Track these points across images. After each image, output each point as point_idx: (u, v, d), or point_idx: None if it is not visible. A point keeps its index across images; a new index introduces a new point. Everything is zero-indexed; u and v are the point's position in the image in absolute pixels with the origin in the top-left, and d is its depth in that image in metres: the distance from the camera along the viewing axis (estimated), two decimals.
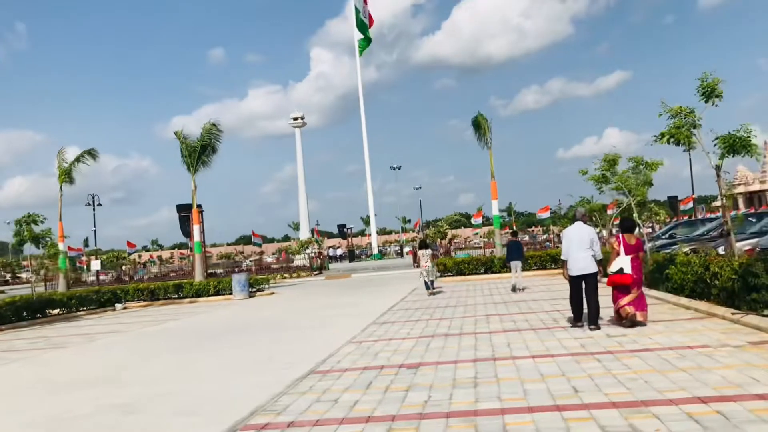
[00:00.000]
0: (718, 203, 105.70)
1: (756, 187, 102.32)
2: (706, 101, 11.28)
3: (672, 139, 11.38)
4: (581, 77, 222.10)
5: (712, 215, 75.45)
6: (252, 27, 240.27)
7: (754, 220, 16.97)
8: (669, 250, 17.94)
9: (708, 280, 11.09)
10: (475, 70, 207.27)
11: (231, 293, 28.12)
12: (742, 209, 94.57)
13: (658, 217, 48.33)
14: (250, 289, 28.47)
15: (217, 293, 28.84)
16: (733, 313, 9.73)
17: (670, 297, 12.78)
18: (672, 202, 60.02)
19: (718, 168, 11.30)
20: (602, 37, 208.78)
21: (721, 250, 14.59)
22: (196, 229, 32.14)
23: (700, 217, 42.26)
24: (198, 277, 31.41)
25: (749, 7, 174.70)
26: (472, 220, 77.26)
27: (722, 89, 11.19)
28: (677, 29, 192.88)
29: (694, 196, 55.59)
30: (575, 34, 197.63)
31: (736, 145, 10.78)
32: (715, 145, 11.32)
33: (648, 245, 16.37)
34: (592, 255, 10.45)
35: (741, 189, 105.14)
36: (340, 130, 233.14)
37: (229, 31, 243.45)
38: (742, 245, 14.69)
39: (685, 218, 47.01)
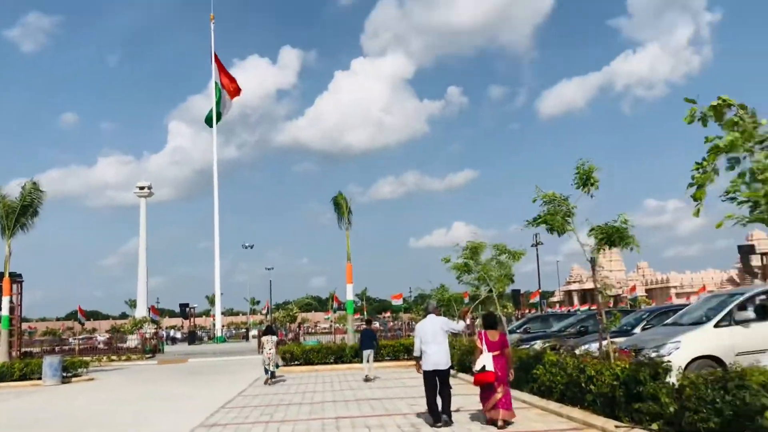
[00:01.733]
0: (555, 298, 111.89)
1: (589, 285, 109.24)
2: (583, 188, 10.54)
3: (546, 225, 10.47)
4: (434, 172, 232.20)
5: (551, 310, 78.99)
6: (109, 95, 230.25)
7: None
8: (527, 346, 17.14)
9: (583, 384, 10.01)
10: (335, 157, 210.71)
11: (41, 378, 24.07)
12: (576, 306, 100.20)
13: (506, 310, 49.06)
14: (64, 374, 24.55)
15: (23, 377, 24.59)
16: (616, 426, 8.57)
17: (538, 400, 11.60)
18: (515, 296, 61.99)
19: (593, 261, 10.48)
20: (455, 137, 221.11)
21: (585, 348, 13.82)
22: (5, 301, 27.75)
23: (549, 311, 43.16)
24: (1, 357, 26.87)
25: (581, 120, 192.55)
26: (332, 306, 74.98)
27: (597, 177, 10.52)
28: (520, 135, 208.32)
29: (540, 290, 57.45)
30: (431, 132, 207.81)
31: (612, 237, 10.01)
32: (589, 236, 10.53)
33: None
34: (448, 349, 10.45)
35: (575, 286, 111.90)
36: (194, 205, 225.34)
37: (83, 96, 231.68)
38: (596, 346, 14.05)
39: (533, 311, 48.25)
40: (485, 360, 9.83)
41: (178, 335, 77.71)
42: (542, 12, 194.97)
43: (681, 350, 11.15)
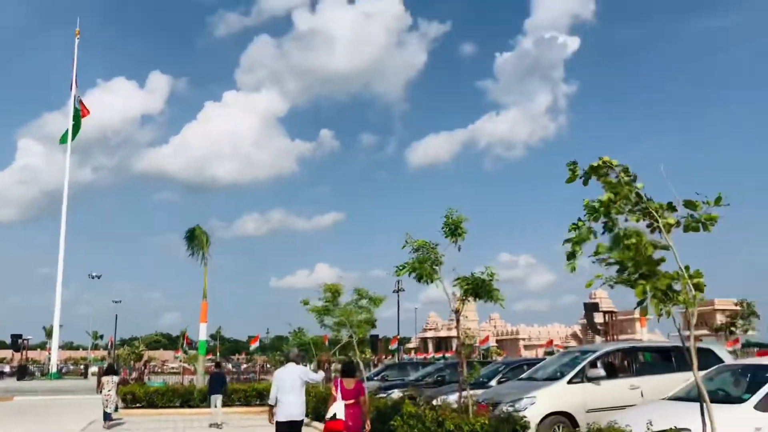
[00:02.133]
0: (411, 345, 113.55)
1: (444, 333, 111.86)
2: (451, 237, 10.45)
3: (414, 273, 10.24)
4: (301, 212, 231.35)
5: (407, 356, 79.90)
6: None
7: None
8: (384, 395, 16.80)
9: None
10: (199, 189, 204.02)
11: None
12: (432, 353, 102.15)
13: (364, 356, 48.80)
14: None
15: None
16: None
17: None
18: (374, 341, 62.14)
19: (457, 311, 10.35)
20: (324, 179, 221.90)
21: (443, 399, 13.67)
22: None
23: (405, 358, 43.29)
24: None
25: (446, 173, 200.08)
26: (182, 345, 71.06)
27: (465, 228, 10.49)
28: (389, 182, 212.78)
29: (399, 336, 57.82)
30: (300, 172, 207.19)
31: (478, 288, 9.94)
32: (455, 286, 10.41)
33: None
34: (304, 401, 10.01)
35: (431, 334, 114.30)
36: (39, 229, 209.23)
37: None
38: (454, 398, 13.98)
39: (390, 357, 48.31)
40: (337, 408, 9.50)
41: (6, 369, 70.62)
42: (415, 67, 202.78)
43: (536, 405, 11.21)
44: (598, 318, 46.91)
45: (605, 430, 7.06)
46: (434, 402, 12.98)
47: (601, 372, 11.62)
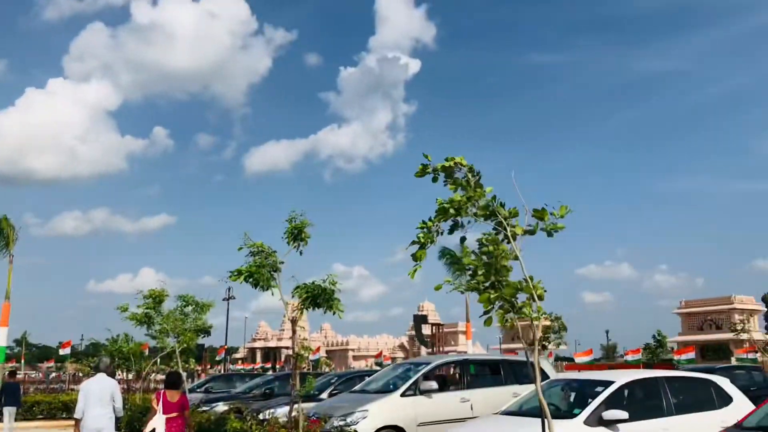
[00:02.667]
0: (239, 355, 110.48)
1: (274, 343, 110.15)
2: (293, 242, 9.90)
3: (251, 279, 9.55)
4: (127, 213, 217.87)
5: (233, 367, 77.36)
6: None
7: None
8: (208, 408, 15.77)
9: None
10: (13, 182, 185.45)
11: None
12: (260, 363, 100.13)
13: (188, 366, 46.41)
14: None
15: None
16: None
17: None
18: (199, 351, 59.35)
19: (294, 321, 9.79)
20: (155, 179, 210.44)
21: (272, 413, 13.01)
22: None
23: (231, 368, 41.70)
24: None
25: (285, 181, 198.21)
26: None
27: (309, 233, 9.99)
28: (225, 187, 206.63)
29: (226, 346, 55.76)
30: (129, 170, 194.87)
31: (318, 297, 9.45)
32: (294, 295, 9.86)
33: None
34: (112, 414, 9.24)
35: (260, 344, 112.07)
36: None
37: None
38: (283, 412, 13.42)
39: (216, 368, 46.44)
40: (157, 422, 8.84)
41: None
42: (259, 72, 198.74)
43: (368, 419, 10.90)
44: (426, 330, 48.44)
45: None
46: (262, 416, 12.30)
47: (434, 384, 11.57)
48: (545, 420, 5.73)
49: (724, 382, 8.48)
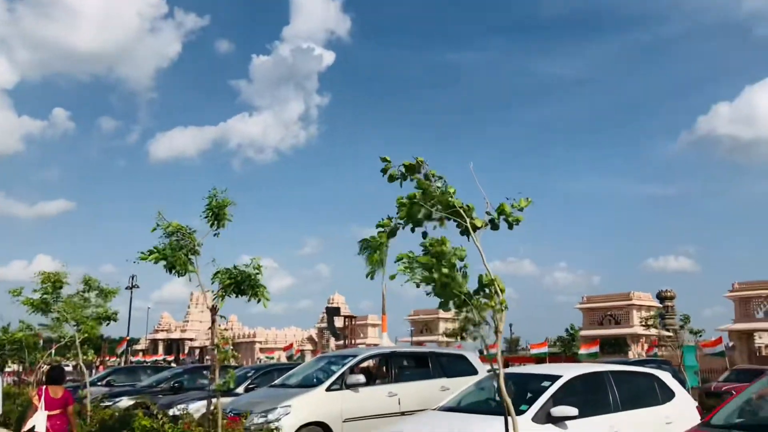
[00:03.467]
0: (140, 346, 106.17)
1: (177, 335, 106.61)
2: (213, 223, 8.99)
3: (165, 262, 8.58)
4: (22, 197, 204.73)
5: (134, 359, 74.07)
6: None
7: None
8: (110, 404, 14.53)
9: None
10: None
11: None
12: (162, 355, 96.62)
13: (86, 358, 43.80)
14: None
15: None
16: None
17: None
18: (98, 342, 56.35)
19: (214, 309, 8.88)
20: (53, 163, 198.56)
21: (183, 409, 12.04)
22: None
23: (132, 360, 39.62)
24: None
25: (192, 169, 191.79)
26: None
27: (231, 213, 9.12)
28: (128, 173, 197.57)
29: (128, 337, 53.06)
30: (25, 152, 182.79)
31: (243, 284, 8.60)
32: (214, 281, 8.96)
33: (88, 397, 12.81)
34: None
35: (162, 335, 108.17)
36: None
37: None
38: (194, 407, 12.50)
39: (115, 359, 44.09)
40: (38, 420, 8.44)
41: None
42: (168, 57, 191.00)
43: (291, 416, 10.18)
44: (338, 322, 47.74)
45: None
46: (173, 412, 11.31)
47: (361, 378, 10.95)
48: (509, 418, 5.20)
49: (666, 377, 8.30)
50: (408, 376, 11.73)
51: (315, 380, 11.50)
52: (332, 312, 40.55)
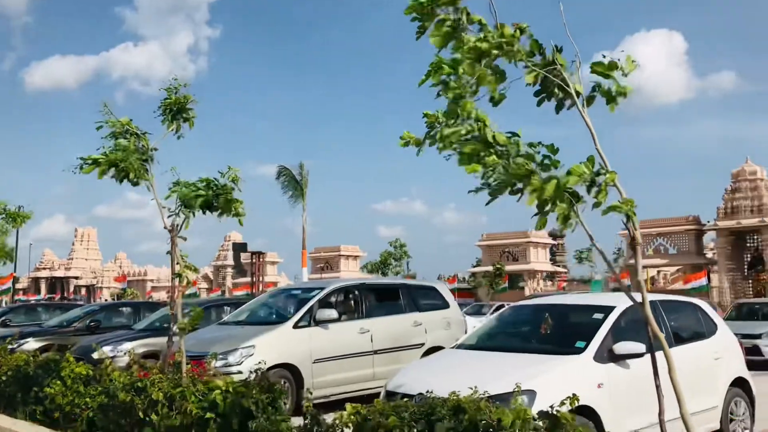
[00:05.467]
0: (21, 285, 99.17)
1: (61, 273, 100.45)
2: (171, 123, 7.18)
3: (115, 169, 6.73)
4: None
5: (19, 298, 68.72)
6: None
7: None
8: (15, 346, 12.43)
9: (142, 415, 6.56)
10: None
11: None
12: (46, 294, 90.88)
13: None
14: None
15: None
16: None
17: None
18: None
19: (176, 228, 7.13)
20: None
21: (110, 351, 10.30)
22: None
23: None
24: None
25: (71, 100, 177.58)
26: None
27: (194, 112, 7.32)
28: (1, 104, 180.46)
29: (14, 273, 48.46)
30: None
31: (219, 197, 6.91)
32: (168, 196, 7.20)
33: None
34: None
35: (45, 273, 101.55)
36: None
37: None
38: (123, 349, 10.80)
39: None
40: None
41: None
42: None
43: (255, 357, 8.69)
44: (246, 258, 45.75)
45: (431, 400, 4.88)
46: (98, 355, 9.55)
47: (333, 313, 9.56)
48: (657, 354, 4.01)
49: (707, 308, 7.47)
50: (378, 311, 10.45)
51: (275, 316, 10.05)
52: (239, 248, 38.55)
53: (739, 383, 6.86)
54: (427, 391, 4.85)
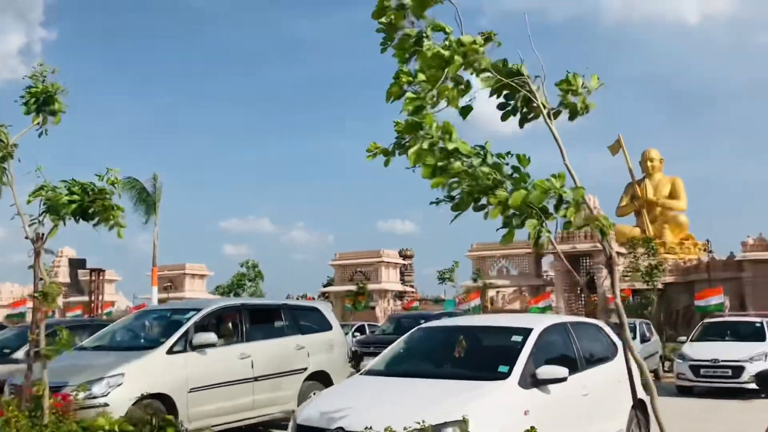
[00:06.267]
0: None
1: None
2: (37, 116, 6.16)
3: None
4: None
5: None
6: None
7: None
8: None
9: None
10: None
11: None
12: None
13: None
14: None
15: None
16: None
17: None
18: None
19: (38, 239, 6.04)
20: None
21: None
22: None
23: None
24: None
25: None
26: None
27: (64, 104, 6.33)
28: None
29: None
30: None
31: (93, 204, 5.95)
32: (30, 200, 6.15)
33: None
34: None
35: None
36: None
37: None
38: None
39: None
40: None
41: None
42: None
43: (125, 386, 7.68)
44: (84, 276, 41.92)
45: None
46: None
47: (211, 337, 8.66)
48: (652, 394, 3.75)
49: (606, 328, 7.51)
50: (259, 334, 9.66)
51: (144, 341, 9.00)
52: (77, 264, 35.49)
53: (638, 405, 6.93)
54: (367, 428, 4.31)
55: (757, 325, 14.28)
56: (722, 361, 12.50)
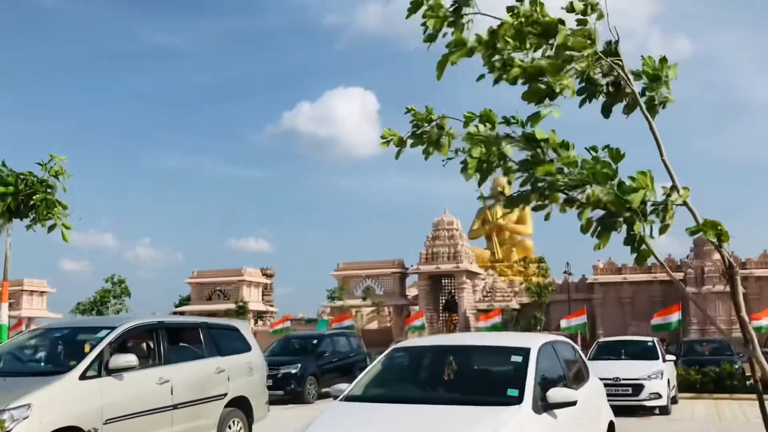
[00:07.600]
0: None
1: None
2: None
3: None
4: None
5: None
6: None
7: None
8: None
9: None
10: None
11: None
12: None
13: None
14: None
15: None
16: None
17: None
18: None
19: None
20: None
21: None
22: None
23: None
24: None
25: None
26: None
27: None
28: None
29: None
30: None
31: (34, 198, 4.88)
32: None
33: None
34: None
35: None
36: None
37: None
38: None
39: None
40: None
41: None
42: None
43: (33, 418, 6.47)
44: None
45: None
46: None
47: (131, 359, 7.53)
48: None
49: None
50: (178, 356, 8.59)
51: (48, 364, 7.72)
52: None
53: (610, 425, 6.82)
54: None
55: (649, 344, 14.92)
56: (623, 379, 12.87)
